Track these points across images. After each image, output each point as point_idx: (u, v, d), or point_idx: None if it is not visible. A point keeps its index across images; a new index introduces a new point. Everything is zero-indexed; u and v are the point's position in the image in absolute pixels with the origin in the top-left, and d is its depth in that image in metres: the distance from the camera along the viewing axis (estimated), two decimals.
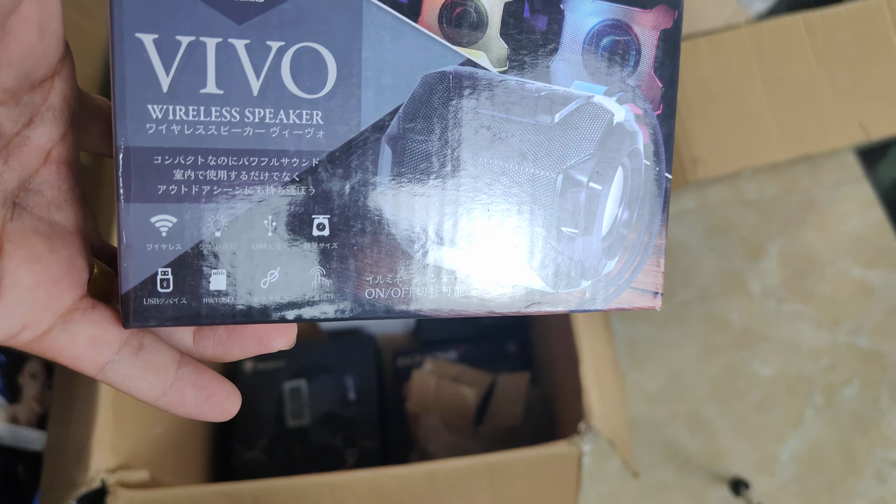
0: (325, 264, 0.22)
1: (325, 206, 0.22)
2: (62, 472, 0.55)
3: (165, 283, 0.21)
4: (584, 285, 0.24)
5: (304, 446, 0.76)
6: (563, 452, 0.53)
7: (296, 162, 0.21)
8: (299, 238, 0.22)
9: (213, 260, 0.21)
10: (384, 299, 0.23)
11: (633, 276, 0.25)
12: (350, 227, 0.22)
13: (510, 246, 0.23)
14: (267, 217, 0.22)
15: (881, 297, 0.99)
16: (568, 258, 0.24)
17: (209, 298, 0.21)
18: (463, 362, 0.78)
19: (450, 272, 0.23)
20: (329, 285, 0.22)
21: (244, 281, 0.22)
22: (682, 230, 1.05)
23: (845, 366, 0.95)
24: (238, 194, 0.21)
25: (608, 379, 0.61)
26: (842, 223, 1.05)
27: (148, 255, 0.21)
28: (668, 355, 0.96)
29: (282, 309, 0.22)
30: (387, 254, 0.23)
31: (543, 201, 0.23)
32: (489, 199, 0.23)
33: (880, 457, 0.89)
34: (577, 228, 0.24)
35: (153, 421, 0.63)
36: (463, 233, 0.23)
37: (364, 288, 0.23)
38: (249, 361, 0.80)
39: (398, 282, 0.23)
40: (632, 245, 0.24)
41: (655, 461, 0.90)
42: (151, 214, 0.21)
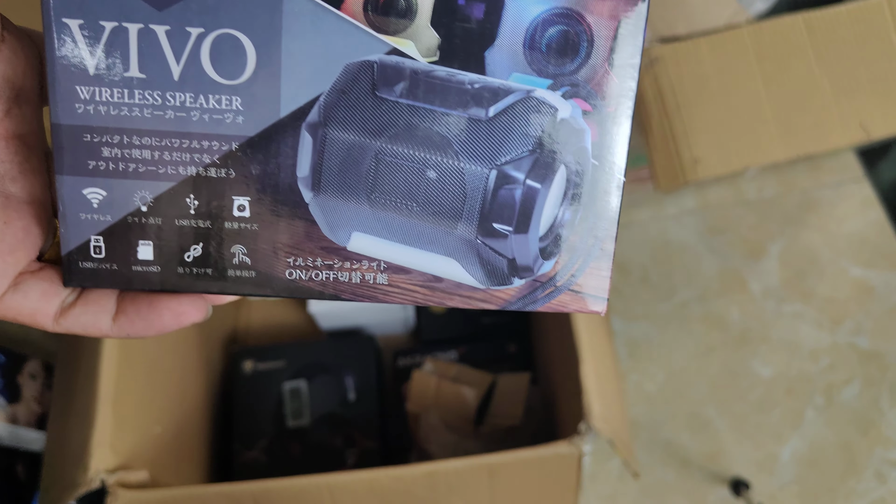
0: (245, 244, 0.23)
1: (244, 189, 0.23)
2: (62, 473, 0.55)
3: (98, 249, 0.23)
4: (516, 284, 0.24)
5: (304, 446, 0.76)
6: (563, 453, 0.53)
7: (216, 145, 0.22)
8: (220, 218, 0.23)
9: (140, 232, 0.23)
10: (305, 281, 0.23)
11: (572, 279, 0.24)
12: (270, 211, 0.23)
13: (439, 238, 0.23)
14: (189, 195, 0.23)
15: (881, 297, 0.99)
16: (499, 255, 0.23)
17: (137, 267, 0.23)
18: (463, 362, 0.78)
19: (373, 261, 0.23)
20: (250, 264, 0.23)
21: (169, 253, 0.23)
22: (683, 230, 1.05)
23: (845, 366, 0.95)
24: (162, 173, 0.22)
25: (608, 379, 0.61)
26: (842, 223, 1.05)
27: (82, 223, 0.23)
28: (668, 355, 0.96)
29: (206, 281, 0.23)
30: (307, 238, 0.23)
31: (475, 196, 0.23)
32: (415, 191, 0.23)
33: (881, 457, 0.89)
34: (510, 226, 0.23)
35: (153, 421, 0.63)
36: (389, 222, 0.23)
37: (285, 269, 0.23)
38: (249, 362, 0.80)
39: (320, 265, 0.23)
40: (573, 247, 0.23)
41: (655, 461, 0.90)
42: (83, 187, 0.22)
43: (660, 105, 0.73)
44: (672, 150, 0.73)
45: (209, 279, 0.23)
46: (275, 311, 0.95)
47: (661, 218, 1.06)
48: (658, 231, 1.05)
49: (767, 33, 0.74)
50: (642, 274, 1.02)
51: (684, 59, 0.73)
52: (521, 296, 0.24)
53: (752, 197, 1.08)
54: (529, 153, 0.22)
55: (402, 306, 0.85)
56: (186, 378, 0.72)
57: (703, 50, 0.73)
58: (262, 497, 0.53)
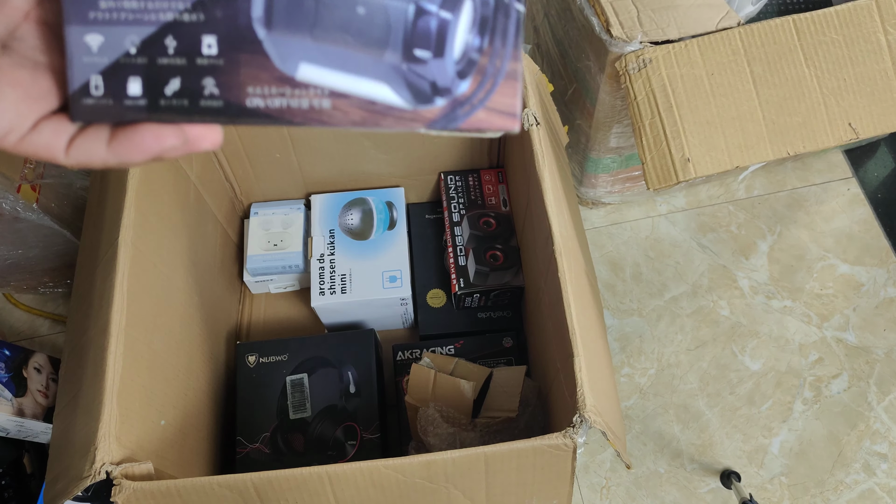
0: (215, 76, 0.28)
1: (212, 29, 0.27)
2: (68, 465, 0.55)
3: (97, 87, 0.28)
4: (439, 103, 0.27)
5: (306, 438, 0.77)
6: (557, 444, 0.54)
7: None
8: (193, 54, 0.27)
9: (130, 70, 0.28)
10: (263, 108, 0.28)
11: (486, 96, 0.27)
12: (233, 47, 0.27)
13: (371, 65, 0.27)
14: (168, 37, 0.27)
15: (869, 293, 1.00)
16: (422, 77, 0.27)
17: (128, 101, 0.28)
18: (460, 356, 0.79)
19: (318, 87, 0.27)
20: (218, 94, 0.28)
21: (153, 88, 0.28)
22: (674, 228, 1.06)
23: (833, 360, 0.96)
24: (146, 20, 0.27)
25: (601, 373, 0.62)
26: (830, 221, 1.06)
27: (84, 65, 0.27)
28: (659, 350, 0.97)
29: (183, 112, 0.28)
30: (263, 69, 0.27)
31: (398, 27, 0.27)
32: (348, 25, 0.27)
33: (868, 449, 0.90)
34: (429, 51, 0.27)
35: (158, 414, 0.63)
36: (329, 52, 0.27)
37: (245, 98, 0.28)
38: (252, 356, 0.81)
39: (275, 94, 0.27)
40: (484, 69, 0.27)
41: (647, 453, 0.91)
42: (84, 34, 0.27)
43: (652, 106, 0.74)
44: (664, 149, 0.74)
45: (186, 110, 0.28)
46: (278, 307, 0.96)
47: (653, 216, 1.08)
48: (650, 229, 1.07)
49: (757, 36, 0.75)
50: (634, 271, 1.03)
51: (676, 61, 0.74)
52: (444, 114, 0.27)
53: (741, 195, 1.09)
54: None
55: (402, 305, 0.86)
56: (191, 372, 0.73)
57: (695, 52, 0.74)
58: (265, 488, 0.54)
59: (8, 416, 0.76)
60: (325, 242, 0.88)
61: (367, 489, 0.56)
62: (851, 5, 0.76)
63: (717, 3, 0.77)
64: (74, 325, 0.66)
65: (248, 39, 0.27)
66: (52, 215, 0.83)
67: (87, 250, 0.69)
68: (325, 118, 0.28)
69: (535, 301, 0.77)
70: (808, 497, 0.88)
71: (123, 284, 0.60)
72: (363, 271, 0.86)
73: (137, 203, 0.65)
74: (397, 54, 0.27)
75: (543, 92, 0.77)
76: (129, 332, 0.59)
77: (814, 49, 0.76)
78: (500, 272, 0.85)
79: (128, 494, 0.53)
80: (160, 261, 0.68)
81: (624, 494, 0.88)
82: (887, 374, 0.94)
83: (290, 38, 0.27)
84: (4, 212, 0.78)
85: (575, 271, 0.63)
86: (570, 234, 0.67)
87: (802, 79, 0.76)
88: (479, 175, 0.93)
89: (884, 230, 1.05)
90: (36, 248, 0.87)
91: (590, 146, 0.93)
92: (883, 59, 0.76)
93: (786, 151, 0.76)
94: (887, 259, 1.02)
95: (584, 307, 0.63)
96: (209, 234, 0.84)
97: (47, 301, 1.02)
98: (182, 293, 0.73)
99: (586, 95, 0.88)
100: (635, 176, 1.00)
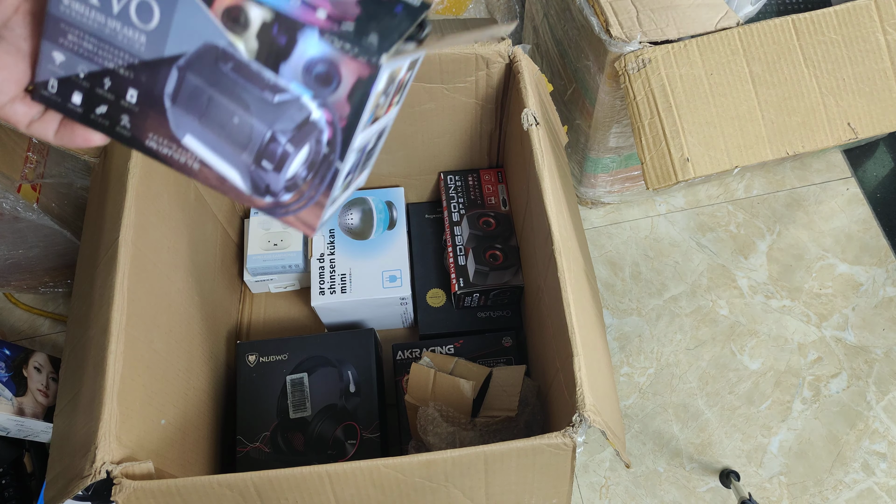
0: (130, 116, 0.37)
1: (136, 86, 0.37)
2: (68, 464, 0.56)
3: (52, 87, 0.38)
4: (267, 199, 0.38)
5: (306, 437, 0.77)
6: (557, 443, 0.54)
7: (127, 56, 0.36)
8: (119, 96, 0.37)
9: (76, 86, 0.37)
10: (156, 149, 0.38)
11: (298, 210, 0.37)
12: (147, 104, 0.37)
13: (231, 156, 0.37)
14: (106, 77, 0.37)
15: (868, 292, 1.00)
16: (262, 179, 0.37)
17: (71, 105, 0.38)
18: (460, 356, 0.79)
19: (194, 154, 0.37)
20: (129, 128, 0.38)
21: (89, 104, 0.38)
22: (673, 227, 1.06)
23: (832, 360, 0.96)
24: (94, 60, 0.37)
25: (601, 372, 0.62)
26: (829, 220, 1.06)
27: (47, 70, 0.37)
28: (658, 349, 0.97)
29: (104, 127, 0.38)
30: (162, 126, 0.37)
31: (255, 141, 0.36)
32: (226, 125, 0.36)
33: (867, 449, 0.90)
34: (272, 165, 0.36)
35: (158, 413, 0.63)
36: (207, 135, 0.37)
37: (146, 139, 0.38)
38: (253, 355, 0.81)
39: (166, 144, 0.37)
40: (303, 192, 0.37)
41: (647, 452, 0.91)
42: (52, 50, 0.37)
43: (651, 105, 0.74)
44: (663, 149, 0.74)
45: (105, 128, 0.38)
46: (278, 307, 0.96)
47: (652, 216, 1.08)
48: (649, 228, 1.07)
49: (757, 36, 0.75)
50: (634, 270, 1.03)
51: (675, 61, 0.74)
52: (268, 207, 0.38)
53: (740, 195, 1.09)
54: (290, 131, 0.35)
55: (402, 306, 0.86)
56: (191, 371, 0.73)
57: (694, 52, 0.74)
58: (265, 487, 0.54)
59: (8, 416, 0.76)
60: (325, 242, 0.88)
61: (366, 488, 0.56)
62: (850, 5, 0.76)
63: (716, 3, 0.78)
64: (75, 324, 0.66)
65: (158, 103, 0.37)
66: (52, 215, 0.83)
67: (87, 250, 0.69)
68: (193, 174, 0.38)
69: (534, 300, 0.77)
70: (807, 496, 0.88)
71: (124, 284, 0.60)
72: (363, 271, 0.86)
73: (138, 203, 0.65)
74: (251, 157, 0.37)
75: (543, 92, 0.77)
76: (130, 332, 0.59)
77: (813, 49, 0.76)
78: (500, 272, 0.85)
79: (128, 493, 0.53)
80: (160, 260, 0.68)
81: (623, 493, 0.89)
82: (886, 374, 0.95)
83: (184, 115, 0.37)
84: (5, 212, 0.78)
85: (574, 271, 0.63)
86: (570, 233, 0.67)
87: (801, 79, 0.76)
88: (478, 175, 0.93)
89: (883, 230, 1.05)
90: (36, 247, 0.87)
91: (589, 146, 0.93)
92: (882, 58, 0.77)
93: (785, 151, 0.76)
94: (886, 259, 1.03)
95: (583, 307, 0.63)
96: (209, 234, 0.84)
97: (48, 301, 1.02)
98: (182, 293, 0.73)
99: (585, 95, 0.88)
100: (634, 176, 1.00)
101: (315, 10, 0.33)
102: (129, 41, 0.36)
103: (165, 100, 0.36)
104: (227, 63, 0.35)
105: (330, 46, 0.33)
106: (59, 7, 0.36)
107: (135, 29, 0.35)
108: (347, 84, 0.34)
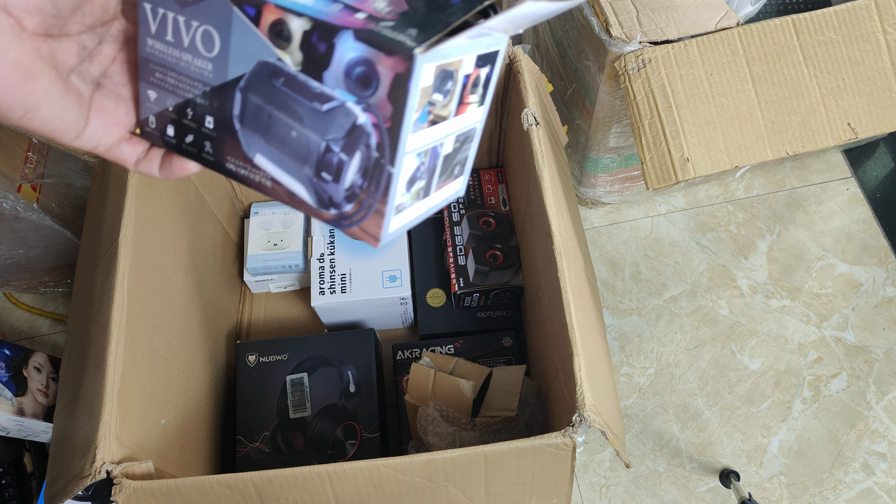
0: (211, 142, 0.39)
1: (212, 112, 0.38)
2: (68, 464, 0.56)
3: (152, 122, 0.40)
4: (332, 211, 0.37)
5: (306, 437, 0.77)
6: (557, 443, 0.54)
7: (200, 85, 0.38)
8: (200, 124, 0.39)
9: (168, 120, 0.40)
10: (234, 171, 0.39)
11: (361, 220, 0.37)
12: (222, 129, 0.38)
13: (295, 171, 0.37)
14: (188, 108, 0.39)
15: (868, 292, 1.00)
16: (324, 191, 0.37)
17: (167, 137, 0.40)
18: (460, 355, 0.79)
19: (265, 172, 0.38)
20: (211, 153, 0.39)
21: (179, 135, 0.40)
22: (673, 227, 1.06)
23: (832, 360, 0.96)
24: (178, 93, 0.39)
25: (601, 372, 0.62)
26: (829, 220, 1.06)
27: (146, 107, 0.40)
28: (658, 349, 0.97)
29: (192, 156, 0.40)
30: (236, 149, 0.38)
31: (313, 153, 0.36)
32: (286, 140, 0.37)
33: (867, 449, 0.90)
34: (330, 175, 0.36)
35: (158, 413, 0.63)
36: (273, 153, 0.38)
37: (225, 161, 0.39)
38: (253, 355, 0.81)
39: (242, 165, 0.39)
40: (362, 201, 0.36)
41: (647, 452, 0.91)
42: (146, 89, 0.39)
43: (651, 105, 0.74)
44: (663, 149, 0.74)
45: (194, 155, 0.40)
46: (278, 307, 0.96)
47: (652, 216, 1.08)
48: (649, 228, 1.07)
49: (757, 35, 0.75)
50: (634, 270, 1.03)
51: (675, 61, 0.74)
52: (334, 219, 0.38)
53: (740, 195, 1.09)
54: (342, 139, 0.35)
55: (401, 305, 0.86)
56: (191, 371, 0.73)
57: (694, 52, 0.74)
58: (265, 487, 0.54)
59: (8, 416, 0.76)
60: (326, 242, 0.88)
61: (366, 488, 0.56)
62: (850, 5, 0.76)
63: (717, 3, 0.78)
64: (75, 324, 0.66)
65: (230, 127, 0.38)
66: (52, 215, 0.83)
67: (87, 250, 0.69)
68: (267, 192, 0.39)
69: (534, 300, 0.77)
70: (807, 496, 0.88)
71: (124, 284, 0.60)
72: (363, 271, 0.86)
73: (138, 203, 0.65)
74: (311, 170, 0.37)
75: (543, 92, 0.77)
76: (130, 332, 0.59)
77: (813, 49, 0.76)
78: (500, 272, 0.85)
79: (128, 493, 0.53)
80: (160, 260, 0.68)
81: (623, 493, 0.89)
82: (886, 374, 0.95)
83: (252, 135, 0.38)
84: (5, 211, 0.78)
85: (574, 271, 0.63)
86: (570, 233, 0.67)
87: (801, 79, 0.76)
88: (478, 175, 0.93)
89: (882, 230, 1.05)
90: (36, 247, 0.87)
91: (589, 146, 0.93)
92: (882, 59, 0.76)
93: (785, 151, 0.76)
94: (886, 259, 1.03)
95: (583, 307, 0.63)
96: (209, 234, 0.84)
97: (48, 300, 1.02)
98: (182, 292, 0.73)
99: (586, 95, 0.88)
100: (634, 176, 1.00)
101: (354, 13, 0.33)
102: (199, 70, 0.37)
103: (235, 122, 0.38)
104: (279, 78, 0.35)
105: (366, 46, 0.32)
106: (146, 49, 0.38)
107: (202, 58, 0.37)
108: (386, 83, 0.33)
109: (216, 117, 0.38)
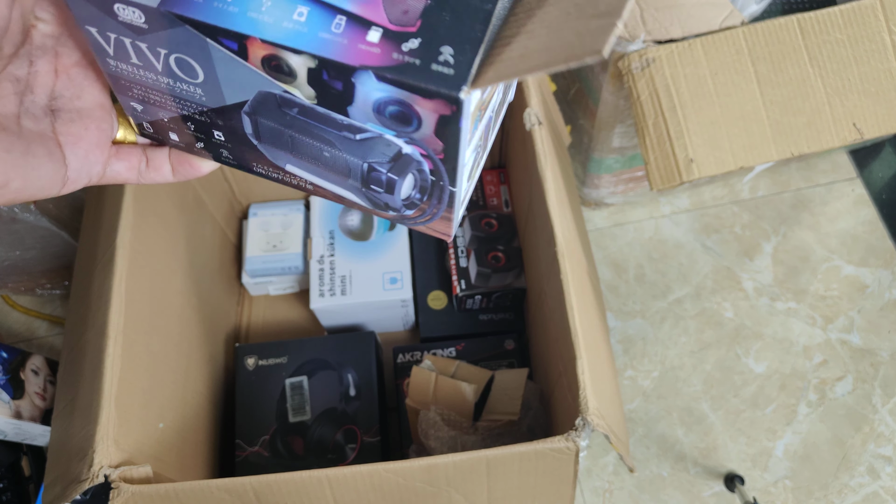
0: (227, 149, 0.37)
1: (219, 128, 0.35)
2: (66, 468, 0.55)
3: (148, 128, 0.37)
4: (391, 213, 0.37)
5: (305, 441, 0.77)
6: (560, 447, 0.53)
7: (194, 105, 0.34)
8: (208, 135, 0.36)
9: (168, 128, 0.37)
10: (265, 174, 0.37)
11: (426, 223, 0.36)
12: (237, 141, 0.36)
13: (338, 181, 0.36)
14: (188, 122, 0.36)
15: (873, 294, 1.00)
16: (378, 199, 0.36)
17: (173, 143, 0.38)
18: (461, 359, 0.79)
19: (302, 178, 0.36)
20: (232, 158, 0.37)
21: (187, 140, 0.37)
22: (678, 229, 1.06)
23: (838, 362, 0.95)
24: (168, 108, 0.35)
25: (604, 375, 0.61)
26: (834, 222, 1.05)
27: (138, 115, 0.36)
28: (663, 352, 0.97)
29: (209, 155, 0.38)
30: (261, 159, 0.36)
31: (356, 171, 0.34)
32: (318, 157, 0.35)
33: (873, 452, 0.90)
34: (381, 189, 0.35)
35: (156, 416, 0.63)
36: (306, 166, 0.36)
37: (252, 167, 0.37)
38: (252, 358, 0.80)
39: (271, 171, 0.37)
40: (424, 210, 0.35)
41: (651, 456, 0.90)
42: (129, 101, 0.35)
43: (655, 105, 0.74)
44: (667, 150, 0.73)
45: (212, 156, 0.38)
46: (277, 309, 0.96)
47: (656, 217, 1.07)
48: (653, 230, 1.06)
49: (761, 35, 0.74)
50: (638, 272, 1.03)
51: (679, 61, 0.74)
52: (395, 219, 0.37)
53: (745, 196, 1.08)
54: (388, 163, 0.33)
55: (402, 307, 0.86)
56: (189, 374, 0.73)
57: (699, 51, 0.74)
58: (264, 491, 0.54)
59: (5, 419, 0.76)
60: (325, 243, 0.88)
61: (367, 493, 0.56)
62: (856, 5, 0.75)
63: (721, 2, 0.77)
64: (72, 326, 0.65)
65: (248, 142, 0.35)
66: (49, 216, 0.82)
67: (84, 252, 0.69)
68: (310, 192, 0.37)
69: (537, 303, 0.76)
70: (813, 500, 0.87)
71: (121, 286, 0.60)
72: (363, 273, 0.85)
73: (135, 204, 0.64)
74: (358, 182, 0.35)
75: (546, 91, 0.76)
76: (128, 335, 0.59)
77: (818, 48, 0.75)
78: (502, 274, 0.84)
79: (126, 498, 0.52)
80: (158, 262, 0.68)
81: (627, 498, 0.88)
82: (892, 377, 0.94)
83: (276, 150, 0.35)
84: (2, 213, 0.77)
85: (577, 273, 0.63)
86: (573, 235, 0.67)
87: (807, 78, 0.75)
88: (480, 176, 0.92)
89: (889, 231, 1.04)
90: (33, 249, 0.86)
91: (592, 146, 0.93)
92: (888, 58, 0.76)
93: (790, 152, 0.75)
94: (892, 260, 1.02)
95: (586, 309, 0.63)
96: (208, 236, 0.84)
97: (45, 303, 1.01)
98: (180, 295, 0.73)
99: (589, 95, 0.88)
100: (638, 176, 0.99)
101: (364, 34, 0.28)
102: (188, 93, 0.33)
103: (251, 139, 0.35)
104: (292, 108, 0.32)
105: (393, 88, 0.28)
106: (110, 68, 0.33)
107: (186, 83, 0.33)
108: (430, 123, 0.29)
109: (226, 133, 0.35)
